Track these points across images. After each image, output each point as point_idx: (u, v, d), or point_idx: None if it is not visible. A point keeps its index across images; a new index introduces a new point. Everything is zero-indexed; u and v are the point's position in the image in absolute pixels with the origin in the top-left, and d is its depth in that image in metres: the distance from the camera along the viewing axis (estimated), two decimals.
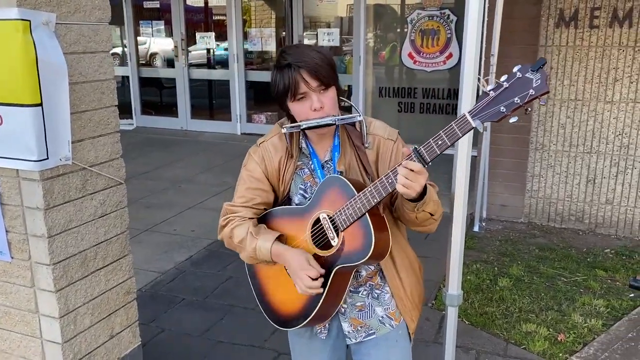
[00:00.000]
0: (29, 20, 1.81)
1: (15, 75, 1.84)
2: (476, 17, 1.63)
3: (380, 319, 1.76)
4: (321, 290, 1.61)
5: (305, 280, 1.60)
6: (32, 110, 1.86)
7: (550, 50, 4.58)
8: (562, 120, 4.66)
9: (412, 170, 1.42)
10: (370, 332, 1.77)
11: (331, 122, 1.59)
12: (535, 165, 4.82)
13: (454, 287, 1.85)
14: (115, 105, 2.24)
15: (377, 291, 1.76)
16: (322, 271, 1.61)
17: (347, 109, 1.74)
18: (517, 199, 4.94)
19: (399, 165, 1.46)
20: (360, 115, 1.63)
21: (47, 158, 1.92)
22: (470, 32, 1.61)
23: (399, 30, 7.45)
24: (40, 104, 1.87)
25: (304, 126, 1.61)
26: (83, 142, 2.09)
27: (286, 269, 1.71)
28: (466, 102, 1.70)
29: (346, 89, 7.77)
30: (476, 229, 4.77)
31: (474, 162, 5.02)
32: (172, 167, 6.80)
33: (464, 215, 1.76)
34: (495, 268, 4.02)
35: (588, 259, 4.18)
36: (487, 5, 4.74)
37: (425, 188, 1.51)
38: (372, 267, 1.74)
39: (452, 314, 1.90)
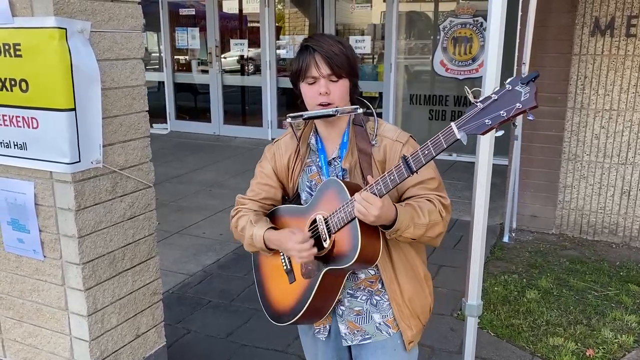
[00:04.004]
0: (65, 28, 1.89)
1: (51, 80, 1.92)
2: (499, 23, 1.62)
3: (377, 325, 1.77)
4: (315, 250, 1.63)
5: (295, 245, 1.62)
6: (66, 115, 1.93)
7: (584, 59, 4.50)
8: (596, 131, 4.56)
9: (364, 199, 1.46)
10: (366, 336, 1.78)
11: (332, 112, 1.62)
12: (567, 175, 4.73)
13: (473, 297, 1.83)
14: (146, 111, 2.30)
15: (377, 297, 1.77)
16: (308, 234, 1.65)
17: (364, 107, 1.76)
18: (548, 210, 4.85)
19: (370, 185, 1.50)
20: (359, 108, 1.65)
21: (79, 161, 2.00)
22: (492, 39, 1.61)
23: (431, 37, 7.42)
24: (74, 109, 1.95)
25: (305, 116, 1.65)
26: (114, 146, 2.16)
27: (283, 261, 1.77)
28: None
29: (377, 95, 7.78)
30: (506, 239, 4.70)
31: (505, 171, 4.96)
32: (203, 171, 6.91)
33: (484, 226, 1.75)
34: (524, 279, 3.96)
35: (621, 273, 4.07)
36: (519, 14, 4.70)
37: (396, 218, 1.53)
38: (373, 272, 1.74)
39: (471, 325, 1.88)
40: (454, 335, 3.25)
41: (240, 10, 9.16)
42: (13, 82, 1.98)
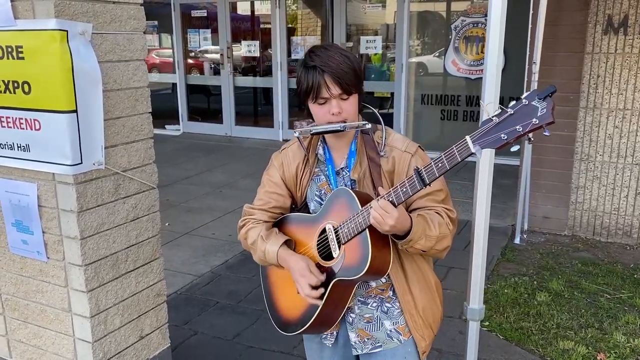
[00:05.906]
0: (67, 31, 1.90)
1: (53, 82, 1.92)
2: (499, 19, 1.59)
3: (388, 332, 1.74)
4: (319, 301, 1.62)
5: (304, 287, 1.62)
6: (68, 117, 1.94)
7: (597, 58, 4.42)
8: (610, 131, 4.48)
9: (382, 207, 1.44)
10: (377, 344, 1.75)
11: (340, 128, 1.59)
12: (580, 176, 4.66)
13: (475, 301, 1.80)
14: (149, 112, 2.30)
15: (388, 305, 1.74)
16: (322, 279, 1.63)
17: (371, 115, 1.74)
18: (560, 211, 4.78)
19: (386, 194, 1.47)
20: (368, 123, 1.63)
21: (81, 162, 2.00)
22: (492, 38, 1.58)
23: (443, 37, 7.37)
24: (75, 111, 1.95)
25: (313, 131, 1.63)
26: (116, 148, 2.16)
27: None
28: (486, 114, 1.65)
29: (389, 95, 7.74)
30: (517, 241, 4.65)
31: (516, 172, 4.90)
32: (214, 172, 6.93)
33: (485, 229, 1.72)
34: (535, 282, 3.90)
35: (635, 276, 4.00)
36: (530, 12, 4.64)
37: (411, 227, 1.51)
38: (384, 280, 1.72)
39: (473, 328, 1.85)
40: (461, 338, 3.21)
41: (252, 11, 9.18)
42: (16, 84, 1.99)
